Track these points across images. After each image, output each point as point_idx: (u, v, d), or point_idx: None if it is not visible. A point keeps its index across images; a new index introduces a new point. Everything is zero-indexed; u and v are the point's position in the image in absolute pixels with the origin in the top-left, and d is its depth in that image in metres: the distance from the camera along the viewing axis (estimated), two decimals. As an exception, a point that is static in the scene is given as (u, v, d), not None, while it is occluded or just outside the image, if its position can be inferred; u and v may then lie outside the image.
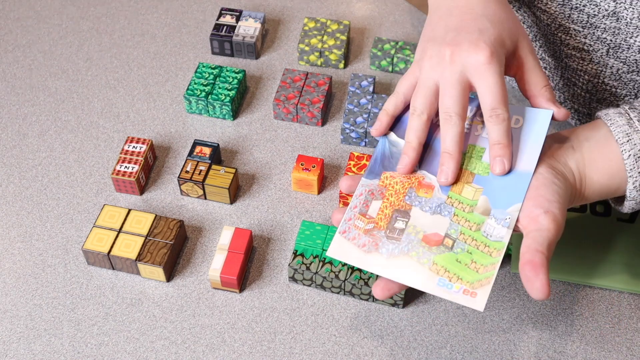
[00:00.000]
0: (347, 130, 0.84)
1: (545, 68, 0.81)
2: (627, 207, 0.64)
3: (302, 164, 0.80)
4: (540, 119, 0.64)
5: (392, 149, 0.67)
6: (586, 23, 0.72)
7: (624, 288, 0.72)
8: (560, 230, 0.58)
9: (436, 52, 0.64)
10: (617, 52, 0.72)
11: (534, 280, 0.55)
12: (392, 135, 0.67)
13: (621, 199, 0.65)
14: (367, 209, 0.64)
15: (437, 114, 0.66)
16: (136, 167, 0.79)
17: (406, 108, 0.68)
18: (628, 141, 0.61)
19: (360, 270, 0.71)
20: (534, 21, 0.78)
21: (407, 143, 0.65)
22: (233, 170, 0.79)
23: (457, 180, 0.64)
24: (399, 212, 0.63)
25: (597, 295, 0.73)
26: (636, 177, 0.61)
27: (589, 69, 0.75)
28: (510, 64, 0.65)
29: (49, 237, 0.77)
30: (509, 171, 0.63)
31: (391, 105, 0.67)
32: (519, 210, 0.60)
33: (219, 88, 0.86)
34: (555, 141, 0.64)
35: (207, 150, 0.81)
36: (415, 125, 0.64)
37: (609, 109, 0.64)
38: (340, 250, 0.62)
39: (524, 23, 0.80)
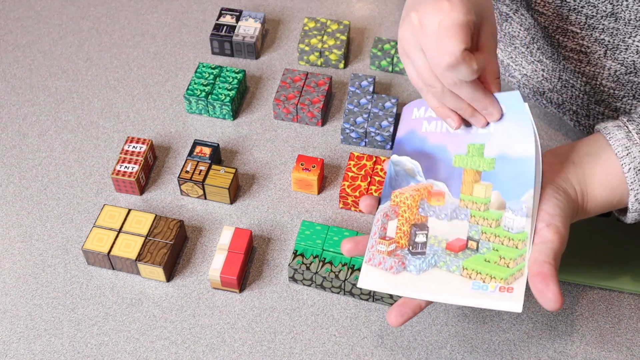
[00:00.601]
0: (347, 130, 0.84)
1: (543, 70, 0.81)
2: (630, 218, 0.64)
3: (302, 164, 0.80)
4: (513, 101, 0.63)
5: (396, 169, 0.67)
6: (584, 24, 0.72)
7: (624, 288, 0.72)
8: (564, 242, 0.58)
9: (407, 21, 0.61)
10: (615, 53, 0.72)
11: (545, 291, 0.55)
12: (394, 157, 0.68)
13: (624, 210, 0.65)
14: (385, 231, 0.63)
15: None
16: (136, 167, 0.79)
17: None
18: (627, 155, 0.61)
19: (360, 270, 0.71)
20: (531, 24, 0.78)
21: (461, 110, 0.64)
22: (233, 170, 0.79)
23: (465, 180, 0.64)
24: (417, 226, 0.63)
25: (597, 295, 0.73)
26: (637, 189, 0.61)
27: (587, 70, 0.75)
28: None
29: (49, 237, 0.77)
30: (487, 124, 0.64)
31: (434, 100, 0.65)
32: (532, 196, 0.60)
33: (219, 88, 0.86)
34: (556, 156, 0.64)
35: (207, 150, 0.81)
36: (450, 97, 0.63)
37: (608, 122, 0.64)
38: (370, 278, 0.61)
39: (521, 26, 0.80)
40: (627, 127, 0.63)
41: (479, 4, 0.62)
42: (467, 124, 0.66)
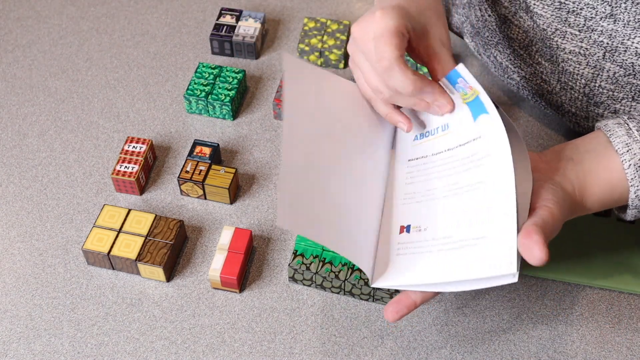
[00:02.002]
0: (347, 131, 0.84)
1: (542, 72, 0.81)
2: (630, 215, 0.65)
3: (302, 164, 0.80)
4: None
5: None
6: (583, 26, 0.72)
7: (624, 288, 0.72)
8: (556, 221, 0.58)
9: (352, 38, 0.67)
10: (614, 55, 0.72)
11: (529, 245, 0.55)
12: None
13: (624, 207, 0.65)
14: None
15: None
16: (136, 167, 0.79)
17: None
18: (628, 151, 0.62)
19: (360, 270, 0.71)
20: (530, 26, 0.78)
21: (417, 106, 0.67)
22: (233, 170, 0.79)
23: None
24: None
25: (597, 295, 0.73)
26: (637, 186, 0.62)
27: (586, 72, 0.75)
28: (419, 50, 0.68)
29: (49, 237, 0.77)
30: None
31: (384, 107, 0.70)
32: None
33: (219, 88, 0.86)
34: (555, 154, 0.64)
35: (207, 150, 0.81)
36: (400, 101, 0.68)
37: (609, 120, 0.65)
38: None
39: (519, 28, 0.80)
40: (627, 124, 0.63)
41: (418, 12, 0.67)
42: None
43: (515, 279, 0.56)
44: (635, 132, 0.62)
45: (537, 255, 0.54)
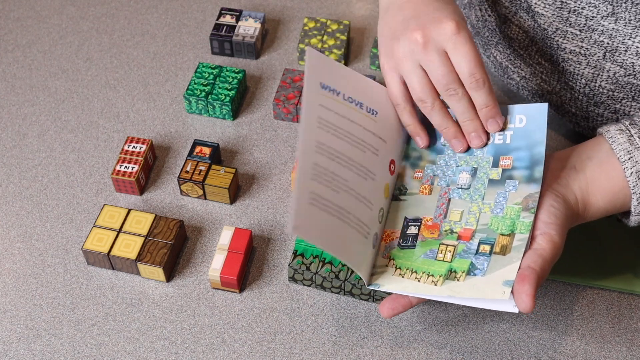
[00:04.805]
0: (347, 131, 0.84)
1: (542, 72, 0.81)
2: (633, 221, 0.65)
3: (302, 164, 0.80)
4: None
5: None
6: (584, 26, 0.72)
7: (624, 288, 0.72)
8: (557, 250, 0.59)
9: (406, 42, 0.66)
10: (614, 55, 0.72)
11: (520, 291, 0.56)
12: None
13: (627, 213, 0.65)
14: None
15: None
16: (136, 167, 0.79)
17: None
18: (629, 159, 0.62)
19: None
20: (530, 26, 0.78)
21: (446, 129, 0.68)
22: (233, 170, 0.79)
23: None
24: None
25: (597, 295, 0.73)
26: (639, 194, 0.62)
27: (586, 72, 0.75)
28: None
29: (49, 237, 0.77)
30: (503, 129, 0.66)
31: (410, 118, 0.70)
32: (538, 193, 0.61)
33: (219, 88, 0.86)
34: (557, 161, 0.65)
35: (207, 150, 0.81)
36: (438, 115, 0.67)
37: (610, 125, 0.65)
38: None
39: (519, 28, 0.80)
40: (629, 130, 0.63)
41: (460, 14, 0.67)
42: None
43: (515, 310, 0.57)
44: (637, 139, 0.62)
45: (524, 304, 0.56)
